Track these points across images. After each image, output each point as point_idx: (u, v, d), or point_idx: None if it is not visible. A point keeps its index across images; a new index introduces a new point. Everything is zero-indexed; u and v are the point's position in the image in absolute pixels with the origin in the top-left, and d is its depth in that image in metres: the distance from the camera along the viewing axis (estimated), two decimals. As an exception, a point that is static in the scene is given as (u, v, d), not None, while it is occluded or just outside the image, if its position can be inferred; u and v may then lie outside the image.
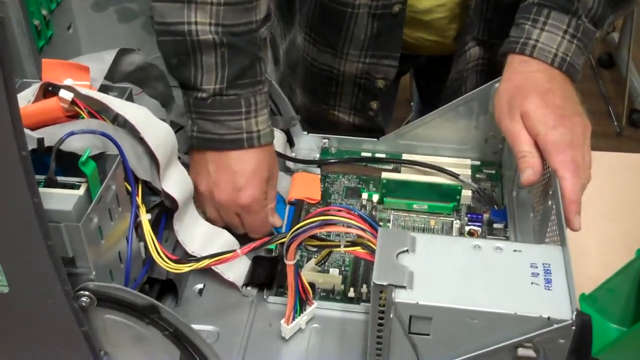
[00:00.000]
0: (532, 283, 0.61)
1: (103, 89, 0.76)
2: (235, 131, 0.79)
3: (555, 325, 0.58)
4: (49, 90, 0.69)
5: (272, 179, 0.84)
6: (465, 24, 0.96)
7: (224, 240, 0.79)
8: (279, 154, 0.92)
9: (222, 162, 0.80)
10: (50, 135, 0.63)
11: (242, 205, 0.80)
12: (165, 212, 0.76)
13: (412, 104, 2.09)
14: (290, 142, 0.98)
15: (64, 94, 0.67)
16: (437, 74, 1.04)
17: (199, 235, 0.78)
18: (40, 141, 0.60)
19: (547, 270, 0.62)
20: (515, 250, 0.64)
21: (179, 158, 0.78)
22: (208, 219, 0.82)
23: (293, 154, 0.97)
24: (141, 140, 0.70)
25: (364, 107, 1.05)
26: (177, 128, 0.90)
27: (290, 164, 0.96)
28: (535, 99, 0.76)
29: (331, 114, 1.08)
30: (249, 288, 0.79)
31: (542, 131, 0.75)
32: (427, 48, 1.04)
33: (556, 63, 0.79)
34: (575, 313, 0.58)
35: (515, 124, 0.77)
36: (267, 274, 0.80)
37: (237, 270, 0.79)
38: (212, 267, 0.76)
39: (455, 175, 0.90)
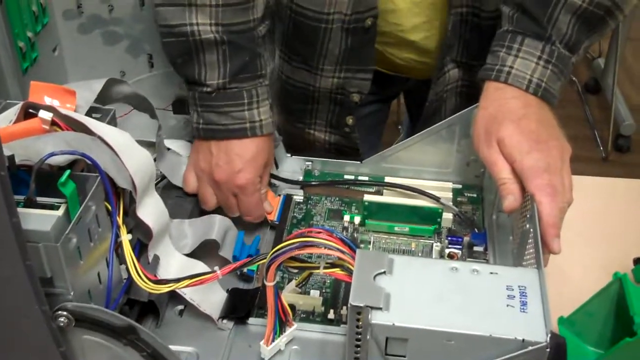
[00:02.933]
0: (507, 305, 0.62)
1: (87, 110, 0.76)
2: (239, 121, 0.85)
3: (530, 348, 0.58)
4: (30, 111, 0.69)
5: (268, 165, 0.90)
6: (445, 45, 0.98)
7: (199, 270, 0.77)
8: None
9: (224, 146, 0.86)
10: (25, 148, 0.63)
11: (239, 185, 0.86)
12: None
13: (399, 127, 2.10)
14: (274, 163, 0.99)
15: (44, 114, 0.67)
16: (427, 96, 1.05)
17: (174, 266, 0.77)
18: (11, 158, 0.60)
19: (523, 292, 0.63)
20: (491, 273, 0.65)
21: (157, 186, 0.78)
22: (201, 199, 0.89)
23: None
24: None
25: (340, 123, 1.06)
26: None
27: (274, 182, 0.97)
28: (509, 125, 0.77)
29: (307, 133, 1.10)
30: (225, 321, 0.78)
31: (517, 157, 0.75)
32: (417, 70, 1.05)
33: (531, 89, 0.80)
34: (549, 335, 0.58)
35: (493, 151, 0.78)
36: (243, 307, 0.79)
37: (213, 301, 0.78)
38: (188, 299, 0.76)
39: (436, 199, 0.91)
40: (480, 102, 0.83)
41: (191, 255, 0.81)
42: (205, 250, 0.82)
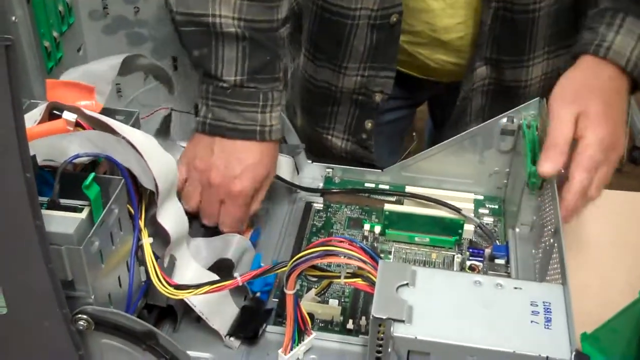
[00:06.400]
0: (531, 321, 0.61)
1: (109, 112, 0.76)
2: (250, 122, 0.82)
3: (554, 365, 0.58)
4: (54, 112, 0.69)
5: (268, 179, 0.85)
6: (477, 43, 0.97)
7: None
8: (285, 181, 0.92)
9: (228, 146, 0.82)
10: (49, 147, 0.63)
11: (232, 192, 0.81)
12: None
13: (414, 134, 2.08)
14: (295, 169, 0.98)
15: (68, 115, 0.67)
16: (454, 101, 1.05)
17: (189, 276, 0.76)
18: (32, 158, 0.60)
19: (548, 309, 0.62)
20: (515, 288, 0.64)
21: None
22: (185, 195, 0.83)
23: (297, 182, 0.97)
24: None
25: (358, 128, 1.05)
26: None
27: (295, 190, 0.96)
28: (599, 105, 0.79)
29: (325, 139, 1.09)
30: (232, 339, 0.76)
31: (588, 137, 0.77)
32: (448, 73, 1.04)
33: (629, 67, 0.80)
34: (574, 353, 0.58)
35: (568, 112, 0.79)
36: (253, 327, 0.76)
37: (223, 317, 0.76)
38: (197, 312, 0.75)
39: (457, 210, 0.90)
40: (577, 64, 0.83)
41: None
42: (220, 273, 0.79)
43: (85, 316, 0.62)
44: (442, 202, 0.91)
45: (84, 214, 0.61)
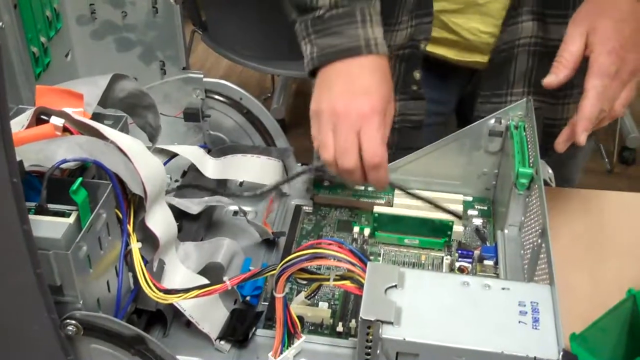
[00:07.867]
0: (519, 322, 0.61)
1: (97, 117, 0.76)
2: (353, 39, 0.82)
3: (542, 365, 0.58)
4: (41, 117, 0.69)
5: (391, 100, 0.84)
6: None
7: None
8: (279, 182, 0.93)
9: (344, 72, 0.82)
10: (37, 151, 0.63)
11: (362, 113, 0.80)
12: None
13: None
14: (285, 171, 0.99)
15: (55, 120, 0.67)
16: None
17: (178, 280, 0.76)
18: (19, 164, 0.60)
19: (535, 309, 0.62)
20: (503, 288, 0.64)
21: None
22: (322, 144, 0.82)
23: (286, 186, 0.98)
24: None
25: (407, 82, 1.04)
26: (169, 157, 0.90)
27: (285, 189, 0.97)
28: (609, 21, 0.81)
29: None
30: (222, 342, 0.76)
31: (596, 50, 0.80)
32: (485, 46, 1.02)
33: None
34: (561, 353, 0.58)
35: (578, 30, 0.82)
36: (243, 331, 0.76)
37: (213, 321, 0.76)
38: (187, 316, 0.74)
39: (458, 216, 0.90)
40: None
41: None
42: (209, 277, 0.79)
43: (74, 321, 0.62)
44: (439, 205, 0.92)
45: (71, 219, 0.61)
